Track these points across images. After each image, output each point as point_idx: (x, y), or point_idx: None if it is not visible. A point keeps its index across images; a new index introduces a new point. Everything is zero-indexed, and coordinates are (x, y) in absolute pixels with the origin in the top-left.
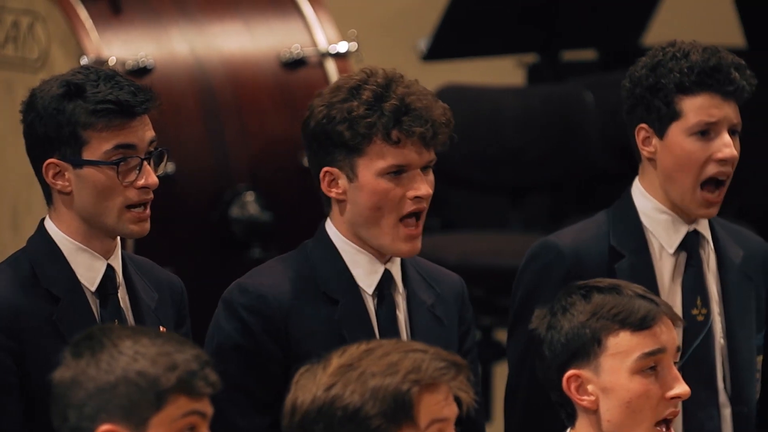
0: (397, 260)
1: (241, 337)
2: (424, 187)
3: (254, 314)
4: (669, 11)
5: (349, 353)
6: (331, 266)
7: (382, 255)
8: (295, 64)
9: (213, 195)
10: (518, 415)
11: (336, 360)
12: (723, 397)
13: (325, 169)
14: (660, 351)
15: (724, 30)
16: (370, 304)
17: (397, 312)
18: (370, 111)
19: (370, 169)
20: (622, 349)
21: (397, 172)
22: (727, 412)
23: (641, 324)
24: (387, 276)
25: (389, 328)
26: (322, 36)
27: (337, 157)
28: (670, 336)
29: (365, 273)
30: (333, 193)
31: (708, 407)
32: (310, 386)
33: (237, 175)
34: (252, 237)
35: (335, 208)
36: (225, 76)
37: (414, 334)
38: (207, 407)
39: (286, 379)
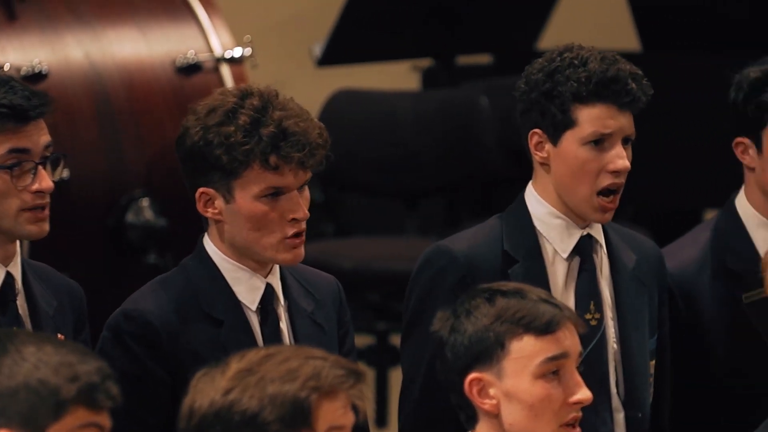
0: (277, 271)
1: (129, 366)
2: (301, 210)
3: (141, 342)
4: (564, 15)
5: (248, 358)
6: (212, 286)
7: (262, 268)
8: (190, 69)
9: (108, 201)
10: (412, 420)
11: (235, 365)
12: (616, 402)
13: (201, 189)
14: (563, 356)
15: (619, 33)
16: (254, 321)
17: (281, 324)
18: (247, 138)
19: (247, 192)
20: (526, 353)
21: (274, 195)
22: (620, 417)
23: (545, 329)
24: (269, 290)
25: (273, 342)
26: (216, 41)
27: (213, 179)
28: (574, 341)
29: (247, 290)
30: (209, 213)
31: (601, 412)
32: (208, 390)
33: (132, 180)
34: (148, 243)
35: (213, 227)
36: (120, 81)
37: (297, 344)
38: (106, 420)
39: (176, 404)
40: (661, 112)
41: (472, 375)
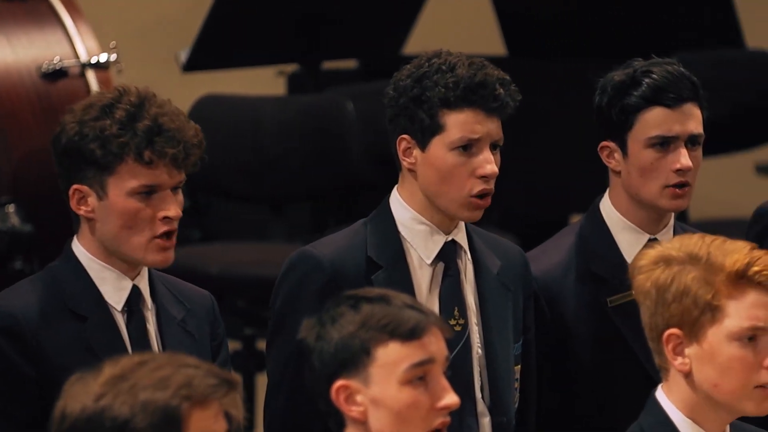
0: (145, 275)
1: None
2: (173, 208)
3: (5, 336)
4: (430, 21)
5: (121, 364)
6: (78, 284)
7: (130, 270)
8: (56, 75)
9: None
10: (277, 425)
11: (108, 370)
12: (481, 407)
13: (75, 186)
14: (429, 361)
15: (485, 39)
16: (120, 321)
17: (148, 326)
18: (122, 131)
19: (120, 188)
20: (391, 359)
21: (147, 193)
22: (485, 422)
23: (411, 334)
24: (135, 292)
25: (140, 344)
26: (82, 47)
27: (87, 175)
28: (440, 346)
29: (113, 289)
30: (82, 210)
31: (466, 417)
32: (80, 395)
33: None
34: (14, 249)
35: (84, 227)
36: None
37: (165, 349)
38: None
39: (41, 399)
40: (527, 117)
41: (339, 382)
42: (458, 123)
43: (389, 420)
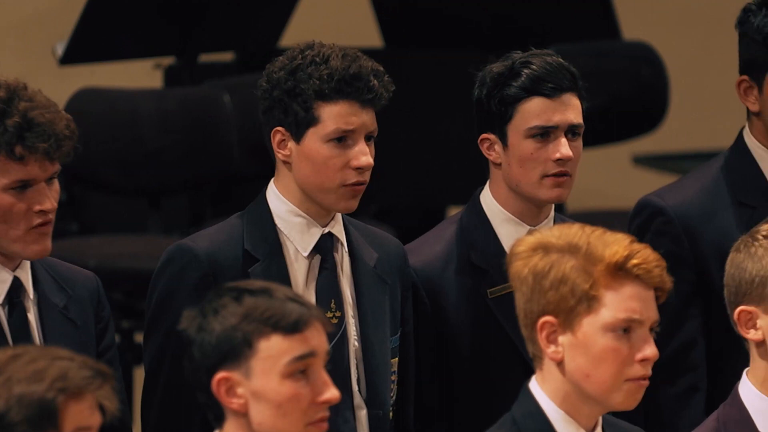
0: (27, 265)
1: None
2: (48, 201)
3: None
4: (306, 13)
5: None
6: None
7: (10, 261)
8: None
9: None
10: (154, 419)
11: None
12: (358, 399)
13: None
14: (311, 355)
15: (362, 31)
16: (1, 315)
17: (29, 317)
18: None
19: None
20: (273, 352)
21: (21, 187)
22: (362, 414)
23: (293, 327)
24: (16, 283)
25: (21, 336)
26: None
27: None
28: (321, 340)
29: None
30: None
31: (343, 410)
32: None
33: None
34: None
35: None
36: None
37: (46, 339)
38: None
39: None
40: (404, 109)
41: (220, 374)
42: (333, 115)
43: (270, 413)
